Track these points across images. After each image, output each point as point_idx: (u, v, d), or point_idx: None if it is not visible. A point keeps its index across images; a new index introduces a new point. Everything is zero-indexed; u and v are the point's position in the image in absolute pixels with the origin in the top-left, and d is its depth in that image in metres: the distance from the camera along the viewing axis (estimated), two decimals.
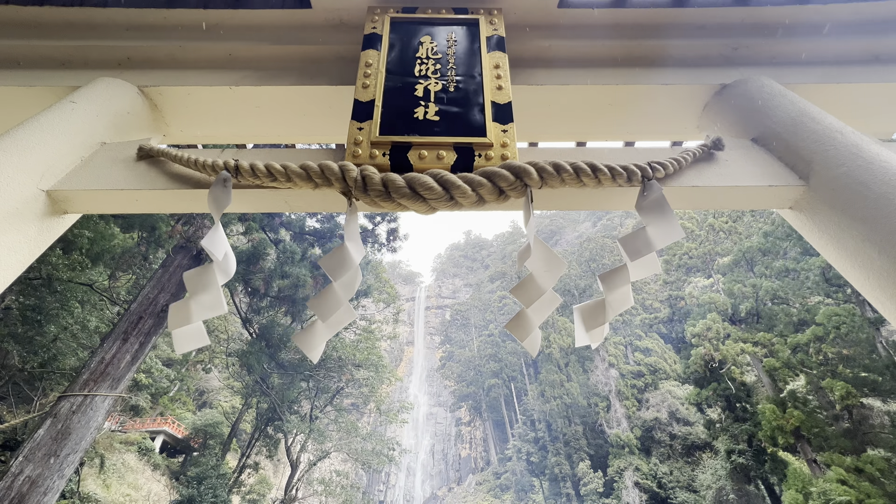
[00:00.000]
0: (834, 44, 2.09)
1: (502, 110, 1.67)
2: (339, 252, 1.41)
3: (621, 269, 1.42)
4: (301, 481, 27.20)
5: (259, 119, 2.20)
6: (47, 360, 14.38)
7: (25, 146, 1.46)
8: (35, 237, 1.44)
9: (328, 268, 1.40)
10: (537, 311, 1.38)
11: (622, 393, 38.97)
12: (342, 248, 1.42)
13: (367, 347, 27.73)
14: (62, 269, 12.28)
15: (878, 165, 1.31)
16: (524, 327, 1.38)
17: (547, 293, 1.37)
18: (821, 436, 19.30)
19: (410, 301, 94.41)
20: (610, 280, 1.43)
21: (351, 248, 1.42)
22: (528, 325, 1.38)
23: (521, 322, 1.39)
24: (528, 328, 1.38)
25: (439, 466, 66.21)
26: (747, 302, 24.84)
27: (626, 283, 1.41)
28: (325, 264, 1.40)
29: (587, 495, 35.36)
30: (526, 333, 1.38)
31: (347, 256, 1.41)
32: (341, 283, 1.41)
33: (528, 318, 1.39)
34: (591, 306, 1.46)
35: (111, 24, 2.13)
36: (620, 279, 1.41)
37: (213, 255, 1.36)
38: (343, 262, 1.40)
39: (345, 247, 1.42)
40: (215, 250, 1.37)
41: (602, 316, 1.42)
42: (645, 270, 1.43)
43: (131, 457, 22.30)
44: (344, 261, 1.40)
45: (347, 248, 1.42)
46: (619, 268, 1.42)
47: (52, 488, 8.19)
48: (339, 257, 1.41)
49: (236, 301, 20.85)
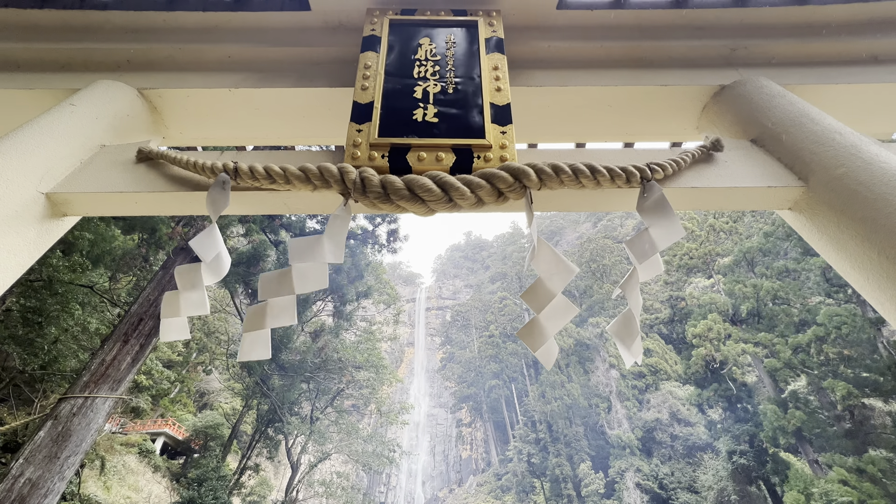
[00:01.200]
0: (832, 44, 2.09)
1: (501, 112, 1.67)
2: (313, 241, 1.33)
3: (632, 273, 1.41)
4: (302, 483, 27.17)
5: (258, 121, 2.20)
6: (48, 361, 14.37)
7: (25, 149, 1.46)
8: (35, 240, 1.44)
9: (294, 251, 1.32)
10: (551, 318, 1.31)
11: (623, 394, 38.93)
12: (318, 239, 1.33)
13: (368, 349, 27.74)
14: (63, 270, 12.29)
15: (877, 166, 1.31)
16: (536, 336, 1.30)
17: (560, 300, 1.30)
18: (822, 436, 19.27)
19: (411, 302, 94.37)
20: (627, 287, 1.41)
21: (328, 245, 1.34)
22: (540, 334, 1.30)
23: (533, 330, 1.31)
24: (541, 337, 1.30)
25: (440, 468, 66.11)
26: (748, 302, 24.82)
27: (637, 286, 1.40)
28: (292, 246, 1.33)
29: (588, 496, 35.30)
30: (538, 343, 1.30)
31: (319, 249, 1.32)
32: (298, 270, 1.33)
33: (541, 326, 1.30)
34: (621, 322, 1.41)
35: (111, 26, 2.13)
36: (633, 283, 1.40)
37: (202, 255, 1.36)
38: (312, 251, 1.32)
39: (321, 239, 1.34)
40: (204, 251, 1.36)
41: (634, 327, 1.38)
42: (651, 271, 1.43)
43: (132, 458, 22.28)
44: (314, 251, 1.32)
45: (323, 242, 1.33)
46: (630, 273, 1.41)
47: (53, 490, 8.18)
48: (310, 246, 1.33)
49: (237, 302, 20.86)
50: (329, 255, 1.33)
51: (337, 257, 1.35)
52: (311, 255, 1.31)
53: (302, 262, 1.31)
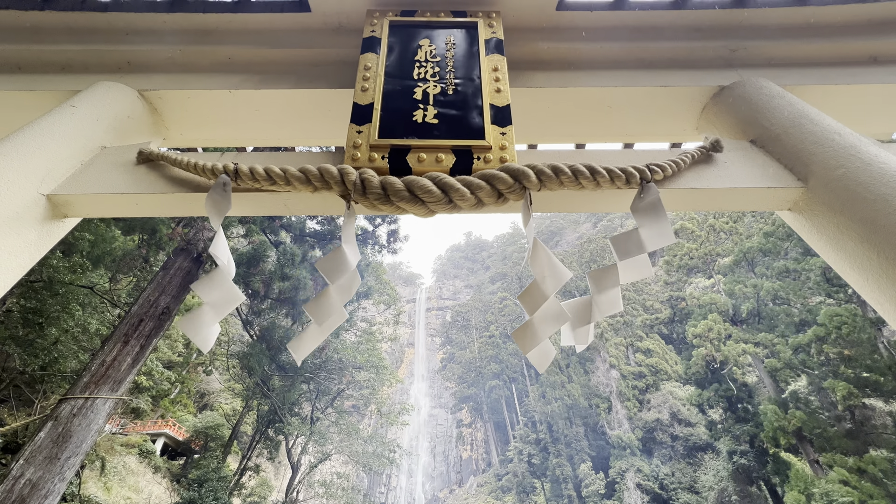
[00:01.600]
0: (832, 45, 2.09)
1: (501, 113, 1.68)
2: (336, 255, 1.39)
3: (611, 268, 1.39)
4: (302, 483, 27.17)
5: (258, 122, 2.20)
6: (48, 362, 14.39)
7: (26, 150, 1.46)
8: (36, 241, 1.44)
9: (325, 270, 1.37)
10: (543, 322, 1.29)
11: (623, 394, 38.91)
12: (339, 251, 1.40)
13: (368, 349, 27.75)
14: (63, 271, 12.30)
15: (876, 167, 1.31)
16: (528, 338, 1.29)
17: (552, 305, 1.28)
18: (823, 436, 19.26)
19: (411, 303, 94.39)
20: (599, 279, 1.39)
21: (348, 251, 1.40)
22: (532, 336, 1.29)
23: (526, 332, 1.30)
24: (534, 339, 1.29)
25: (440, 468, 66.09)
26: (748, 302, 24.82)
27: (615, 284, 1.37)
28: (321, 267, 1.38)
29: (589, 497, 35.28)
30: (530, 345, 1.29)
31: (344, 259, 1.39)
32: (338, 287, 1.39)
33: (534, 329, 1.30)
34: (577, 304, 1.41)
35: (111, 28, 2.14)
36: (610, 279, 1.38)
37: (220, 260, 1.39)
38: (340, 265, 1.38)
39: (342, 249, 1.40)
40: (220, 255, 1.39)
41: (588, 315, 1.37)
42: (636, 273, 1.41)
43: (132, 459, 22.28)
44: (341, 264, 1.38)
45: (344, 251, 1.40)
46: (609, 267, 1.40)
47: (53, 491, 8.19)
48: (336, 260, 1.39)
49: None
50: (352, 258, 1.40)
51: (357, 257, 1.43)
52: (340, 268, 1.38)
53: (337, 278, 1.37)
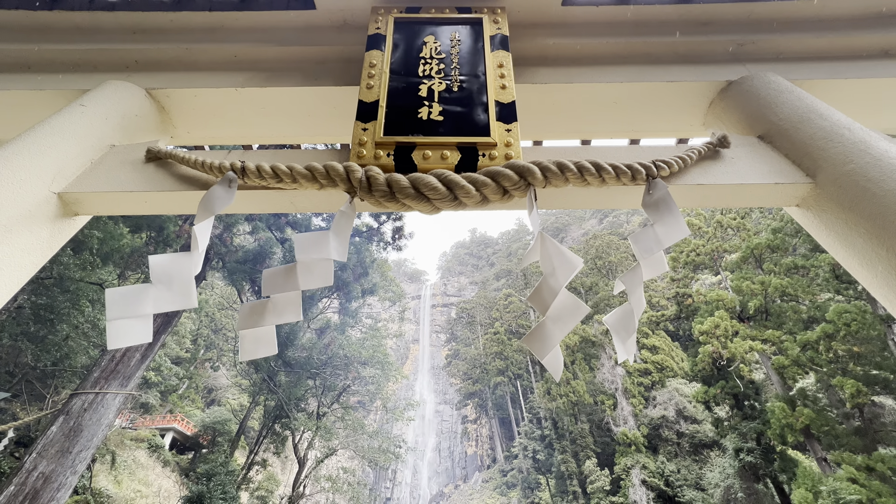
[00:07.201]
0: (842, 39, 2.06)
1: (506, 109, 1.67)
2: (319, 237, 1.31)
3: (635, 269, 1.38)
4: (308, 478, 27.39)
5: (264, 120, 2.22)
6: (59, 358, 14.62)
7: (37, 150, 1.48)
8: (47, 239, 1.47)
9: (300, 246, 1.29)
10: (558, 320, 1.18)
11: (629, 391, 38.78)
12: (323, 235, 1.31)
13: (373, 345, 27.86)
14: (73, 268, 12.47)
15: (886, 162, 1.29)
16: (543, 341, 1.18)
17: (567, 298, 1.19)
18: (831, 434, 19.10)
19: (416, 299, 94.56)
20: (629, 282, 1.37)
21: (333, 242, 1.32)
22: (548, 338, 1.17)
23: (540, 335, 1.19)
24: (550, 342, 1.17)
25: (445, 464, 66.39)
26: (756, 299, 24.58)
27: (640, 283, 1.36)
28: (299, 241, 1.29)
29: (594, 493, 35.26)
30: (546, 349, 1.17)
31: (325, 245, 1.30)
32: (303, 266, 1.30)
33: (548, 330, 1.18)
34: (619, 315, 1.35)
35: (119, 27, 2.16)
36: (636, 280, 1.37)
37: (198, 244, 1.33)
38: (318, 248, 1.30)
39: (327, 235, 1.32)
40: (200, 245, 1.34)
41: (632, 322, 1.31)
42: (655, 269, 1.41)
43: (142, 453, 22.60)
44: (320, 247, 1.30)
45: (328, 237, 1.31)
46: (633, 268, 1.38)
47: (65, 484, 8.34)
48: (316, 242, 1.30)
49: (243, 299, 21.02)
50: (334, 252, 1.31)
51: (341, 255, 1.33)
52: (316, 251, 1.30)
53: (308, 257, 1.29)
